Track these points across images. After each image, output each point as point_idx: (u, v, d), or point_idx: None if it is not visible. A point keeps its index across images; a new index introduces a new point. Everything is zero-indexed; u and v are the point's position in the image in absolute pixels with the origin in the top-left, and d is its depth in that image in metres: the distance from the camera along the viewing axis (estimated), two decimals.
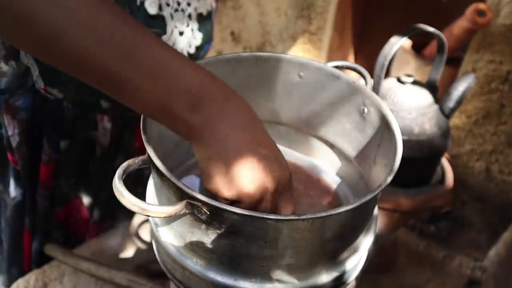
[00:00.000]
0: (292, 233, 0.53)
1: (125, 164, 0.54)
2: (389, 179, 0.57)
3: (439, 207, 1.05)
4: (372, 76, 0.90)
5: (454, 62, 1.34)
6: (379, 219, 0.97)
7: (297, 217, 0.51)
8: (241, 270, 0.57)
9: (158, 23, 0.83)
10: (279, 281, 0.58)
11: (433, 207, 1.02)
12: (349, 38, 1.66)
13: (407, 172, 0.92)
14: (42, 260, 1.09)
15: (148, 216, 0.52)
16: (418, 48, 1.44)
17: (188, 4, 0.87)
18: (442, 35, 0.92)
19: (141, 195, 0.65)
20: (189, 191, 0.51)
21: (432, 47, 1.41)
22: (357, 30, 1.67)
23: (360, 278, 1.02)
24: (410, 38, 0.98)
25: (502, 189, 1.38)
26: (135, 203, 0.51)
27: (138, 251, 1.15)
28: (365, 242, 0.65)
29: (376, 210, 0.68)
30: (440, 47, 0.94)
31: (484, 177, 1.39)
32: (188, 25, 0.88)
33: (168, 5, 0.84)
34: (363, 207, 0.57)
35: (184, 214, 0.53)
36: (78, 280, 1.07)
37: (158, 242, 0.63)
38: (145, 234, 1.18)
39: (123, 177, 0.53)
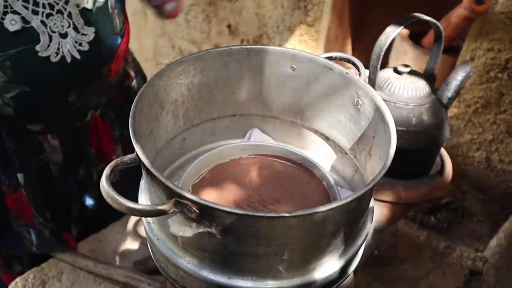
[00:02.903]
0: (284, 230, 0.53)
1: (112, 163, 0.53)
2: (383, 172, 0.56)
3: (439, 198, 1.04)
4: (368, 67, 0.89)
5: (452, 51, 1.33)
6: (378, 211, 0.96)
7: (288, 214, 0.50)
8: (234, 268, 0.57)
9: (27, 37, 0.80)
10: (273, 278, 0.57)
11: (433, 198, 1.01)
12: (346, 29, 1.64)
13: (406, 164, 0.91)
14: (41, 258, 1.09)
15: (136, 215, 0.51)
16: (416, 38, 1.43)
17: (66, 2, 0.82)
18: (438, 24, 0.90)
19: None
20: (178, 190, 0.50)
21: (430, 36, 1.39)
22: (355, 21, 1.65)
23: (361, 271, 1.01)
24: (408, 27, 0.97)
25: (502, 178, 1.36)
26: (121, 203, 0.50)
27: (136, 248, 1.15)
28: (362, 236, 0.64)
29: (372, 203, 0.67)
30: (437, 36, 0.92)
31: (484, 166, 1.38)
32: (69, 25, 0.84)
33: (35, 13, 0.80)
34: (358, 201, 0.55)
35: (174, 213, 0.52)
36: (76, 277, 1.07)
37: (151, 241, 0.62)
38: (143, 231, 1.17)
39: (111, 177, 0.52)
